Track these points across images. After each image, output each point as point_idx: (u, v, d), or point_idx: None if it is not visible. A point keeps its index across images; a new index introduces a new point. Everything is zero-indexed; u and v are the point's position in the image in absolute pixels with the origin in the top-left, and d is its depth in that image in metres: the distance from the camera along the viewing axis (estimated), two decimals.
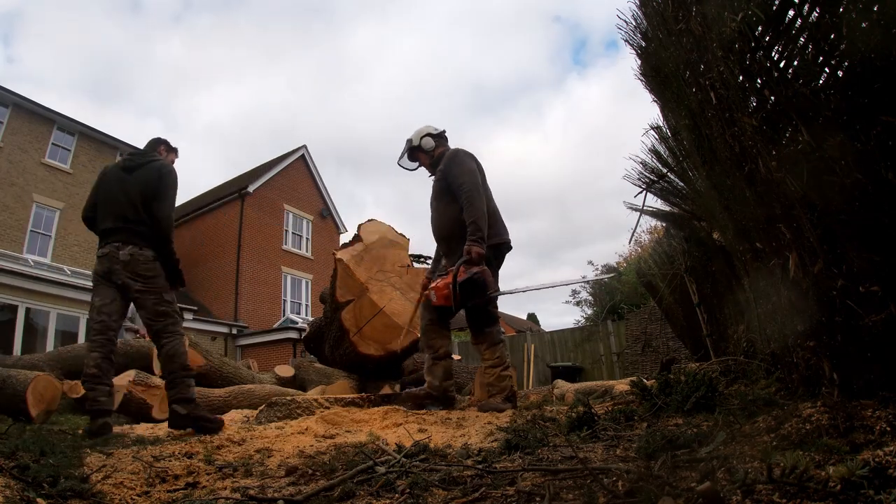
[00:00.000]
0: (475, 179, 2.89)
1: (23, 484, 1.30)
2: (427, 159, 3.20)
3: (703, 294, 3.65)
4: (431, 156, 3.17)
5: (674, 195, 3.29)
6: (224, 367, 4.62)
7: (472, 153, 3.08)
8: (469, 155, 3.04)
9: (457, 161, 2.97)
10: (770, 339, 1.70)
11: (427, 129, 3.21)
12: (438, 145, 3.18)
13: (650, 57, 1.94)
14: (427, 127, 3.23)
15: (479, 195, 2.82)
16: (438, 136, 3.21)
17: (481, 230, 2.74)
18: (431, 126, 3.25)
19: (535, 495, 1.01)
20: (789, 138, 1.20)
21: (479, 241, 2.72)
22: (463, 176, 2.88)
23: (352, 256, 4.54)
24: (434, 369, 2.95)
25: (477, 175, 2.93)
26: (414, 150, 3.21)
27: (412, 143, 3.20)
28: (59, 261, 12.86)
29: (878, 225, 1.04)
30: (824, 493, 0.72)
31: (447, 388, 2.95)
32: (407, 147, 3.25)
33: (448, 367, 2.98)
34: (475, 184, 2.86)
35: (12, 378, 3.19)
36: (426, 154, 3.19)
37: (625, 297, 18.26)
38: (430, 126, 3.24)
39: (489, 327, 2.90)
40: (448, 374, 2.97)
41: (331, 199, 20.82)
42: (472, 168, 2.95)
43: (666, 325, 8.21)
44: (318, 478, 1.44)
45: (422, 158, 3.24)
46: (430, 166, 3.21)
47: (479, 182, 2.91)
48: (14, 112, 12.84)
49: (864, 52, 1.02)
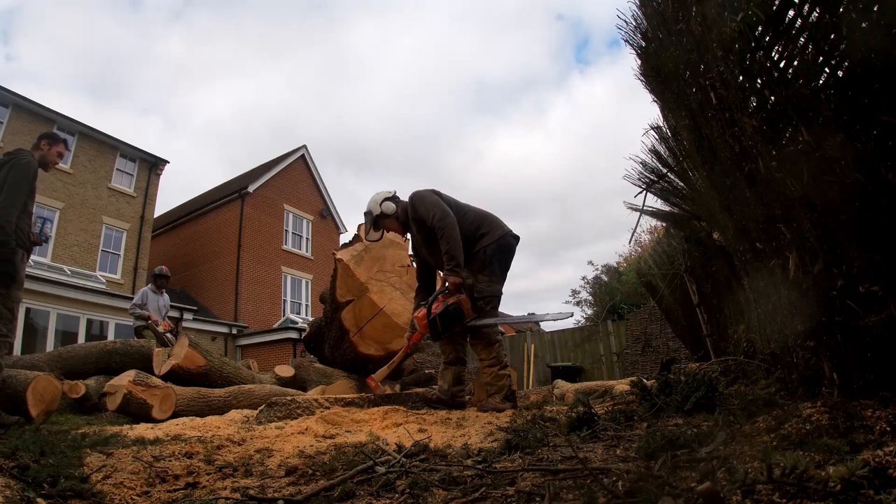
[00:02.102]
0: (442, 208, 2.93)
1: (23, 484, 1.30)
2: (394, 223, 3.21)
3: (703, 294, 3.65)
4: (397, 217, 3.18)
5: (674, 195, 3.29)
6: (224, 367, 4.61)
7: (428, 188, 3.13)
8: (426, 191, 3.09)
9: (419, 202, 3.02)
10: (770, 339, 1.70)
11: (382, 195, 3.22)
12: (398, 205, 3.19)
13: (650, 57, 1.94)
14: (380, 194, 3.24)
15: (449, 224, 2.87)
16: (393, 198, 3.22)
17: (455, 259, 2.81)
18: (384, 191, 3.26)
19: (535, 495, 1.01)
20: (789, 138, 1.20)
21: (453, 270, 2.80)
22: (429, 211, 2.94)
23: (352, 256, 4.54)
24: (445, 374, 3.02)
25: (440, 205, 2.96)
26: (377, 219, 3.21)
27: (374, 214, 3.19)
28: (58, 261, 12.86)
29: (878, 225, 1.04)
30: (824, 494, 0.72)
31: (455, 392, 2.99)
32: (370, 220, 3.23)
33: (458, 372, 3.02)
34: (443, 213, 2.91)
35: (12, 378, 3.19)
36: (392, 218, 3.19)
37: (625, 297, 18.25)
38: (383, 192, 3.25)
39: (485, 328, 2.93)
40: (458, 379, 3.01)
41: (331, 199, 20.83)
42: (435, 200, 2.98)
43: (666, 325, 8.21)
44: (318, 478, 1.44)
45: (389, 224, 3.24)
46: (400, 227, 3.23)
47: (446, 210, 2.94)
48: (14, 112, 12.85)
49: (864, 52, 1.02)
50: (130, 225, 15.09)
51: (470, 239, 2.97)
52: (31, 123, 12.88)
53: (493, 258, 2.98)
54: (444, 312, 2.81)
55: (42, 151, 3.12)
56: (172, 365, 4.17)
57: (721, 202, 1.70)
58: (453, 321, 2.82)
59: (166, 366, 4.22)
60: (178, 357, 4.25)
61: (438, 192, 3.12)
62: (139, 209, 15.40)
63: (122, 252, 14.78)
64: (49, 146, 3.14)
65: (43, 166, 3.15)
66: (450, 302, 2.81)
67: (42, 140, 3.15)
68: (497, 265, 3.00)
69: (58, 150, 3.18)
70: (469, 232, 2.98)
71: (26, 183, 2.90)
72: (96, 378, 4.47)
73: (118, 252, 14.73)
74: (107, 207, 14.57)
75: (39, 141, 3.15)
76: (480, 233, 3.01)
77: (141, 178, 15.73)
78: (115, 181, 15.03)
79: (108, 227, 14.54)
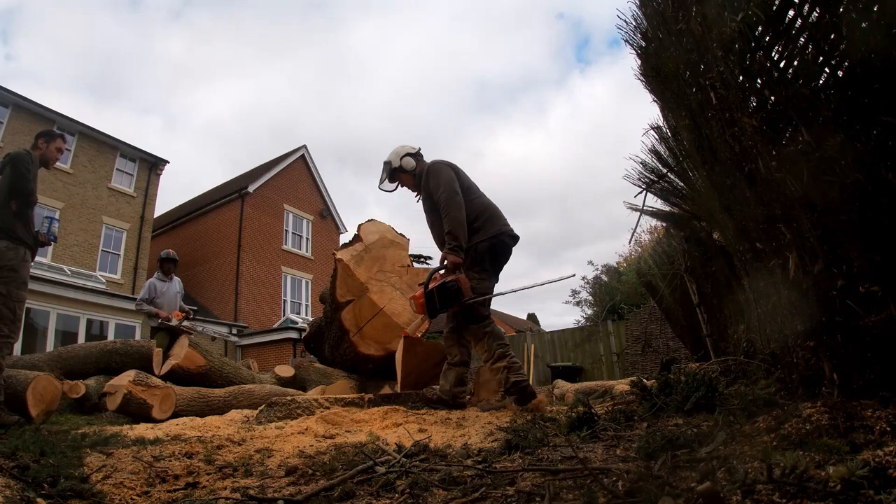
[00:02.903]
0: (451, 188, 2.92)
1: (23, 484, 1.30)
2: (410, 179, 3.22)
3: (703, 294, 3.65)
4: (414, 175, 3.18)
5: (674, 195, 3.29)
6: (224, 367, 4.62)
7: (448, 161, 3.10)
8: (444, 165, 3.06)
9: (433, 174, 3.01)
10: (770, 339, 1.70)
11: (405, 150, 3.21)
12: (418, 164, 3.19)
13: (650, 57, 1.94)
14: (404, 147, 3.23)
15: (454, 205, 2.86)
16: (416, 154, 3.22)
17: (456, 239, 2.80)
18: (408, 146, 3.25)
19: (535, 495, 1.01)
20: (789, 138, 1.20)
21: (453, 250, 2.79)
22: (439, 188, 2.93)
23: (352, 256, 4.54)
24: (447, 374, 2.99)
25: (453, 183, 2.95)
26: (395, 171, 3.21)
27: (392, 165, 3.20)
28: (58, 261, 12.85)
29: (878, 225, 1.04)
30: (824, 494, 0.72)
31: (457, 394, 2.95)
32: (387, 170, 3.24)
33: (461, 374, 2.97)
34: (451, 193, 2.89)
35: (12, 378, 3.19)
36: (409, 174, 3.20)
37: (625, 297, 18.26)
38: (407, 146, 3.24)
39: (474, 324, 2.91)
40: (460, 380, 2.96)
41: (331, 199, 20.83)
42: (448, 178, 2.96)
43: (666, 325, 8.21)
44: (318, 478, 1.44)
45: (405, 179, 3.24)
46: (413, 186, 3.23)
47: (456, 190, 2.93)
48: (14, 112, 12.85)
49: (864, 52, 1.02)
50: (130, 225, 15.09)
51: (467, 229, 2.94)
52: (31, 123, 12.87)
53: (485, 256, 2.93)
54: (442, 288, 2.76)
55: (41, 150, 3.12)
56: (172, 365, 4.18)
57: (721, 202, 1.70)
58: (451, 298, 2.77)
59: (166, 366, 4.23)
60: (178, 357, 4.25)
61: (456, 169, 3.07)
62: (139, 209, 15.40)
63: (122, 252, 14.78)
64: (47, 143, 3.14)
65: (44, 164, 3.15)
66: (448, 280, 2.77)
67: (39, 139, 3.15)
68: (488, 263, 2.95)
69: (56, 145, 3.18)
70: (468, 221, 2.94)
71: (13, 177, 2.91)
72: (96, 378, 4.47)
73: (118, 252, 14.73)
74: (107, 207, 14.57)
75: (36, 140, 3.15)
76: (475, 226, 2.95)
77: (141, 178, 15.73)
78: (115, 181, 15.03)
79: (108, 227, 14.55)
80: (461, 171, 3.11)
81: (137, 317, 12.56)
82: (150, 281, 6.06)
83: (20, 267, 2.90)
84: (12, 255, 2.86)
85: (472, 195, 3.03)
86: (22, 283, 2.91)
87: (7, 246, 2.85)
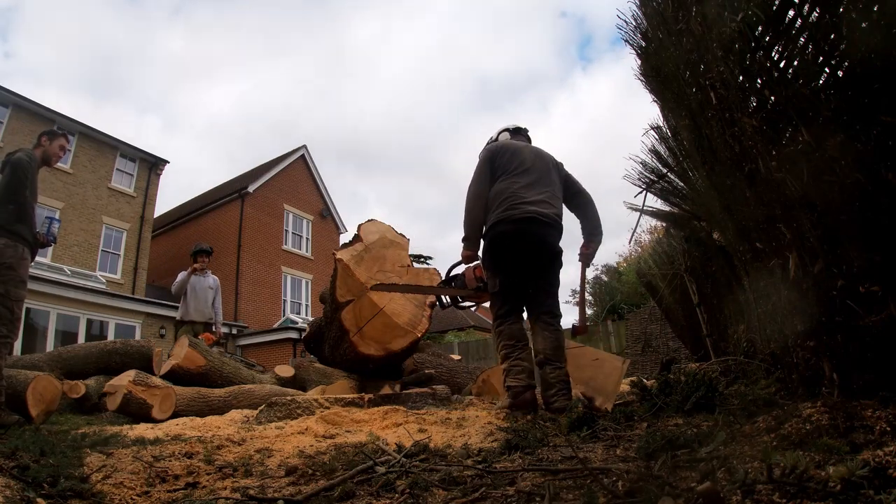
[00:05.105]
0: (473, 178, 2.85)
1: (23, 484, 1.30)
2: None
3: (703, 294, 3.65)
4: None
5: (674, 195, 3.29)
6: (224, 367, 4.61)
7: (494, 145, 2.95)
8: (484, 151, 2.93)
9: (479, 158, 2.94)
10: (770, 339, 1.70)
11: (506, 126, 3.17)
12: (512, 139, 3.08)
13: (650, 57, 1.94)
14: (509, 124, 3.18)
15: (470, 197, 2.80)
16: (514, 130, 3.14)
17: (465, 233, 2.80)
18: (512, 123, 3.19)
19: (535, 495, 1.01)
20: (789, 138, 1.20)
21: (463, 241, 2.81)
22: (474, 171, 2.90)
23: (352, 256, 4.53)
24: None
25: (479, 173, 2.84)
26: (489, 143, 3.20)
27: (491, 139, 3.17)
28: (58, 261, 12.85)
29: (878, 225, 1.04)
30: (824, 494, 0.72)
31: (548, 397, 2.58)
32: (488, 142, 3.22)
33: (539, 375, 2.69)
34: (471, 184, 2.84)
35: (12, 378, 3.18)
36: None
37: (625, 297, 18.25)
38: (511, 123, 3.19)
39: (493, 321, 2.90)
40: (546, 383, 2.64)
41: (331, 198, 20.83)
42: (478, 167, 2.87)
43: (666, 325, 8.21)
44: (318, 478, 1.44)
45: None
46: None
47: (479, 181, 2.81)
48: (14, 112, 12.84)
49: (864, 52, 1.02)
50: (130, 225, 15.09)
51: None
52: (31, 123, 12.87)
53: (486, 252, 2.79)
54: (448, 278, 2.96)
55: (43, 147, 3.12)
56: (172, 365, 4.18)
57: (721, 202, 1.70)
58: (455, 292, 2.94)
59: (166, 366, 4.22)
60: (178, 357, 4.25)
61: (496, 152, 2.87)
62: (139, 209, 15.39)
63: (122, 252, 14.78)
64: (50, 141, 3.14)
65: (46, 162, 3.14)
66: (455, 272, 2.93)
67: (42, 137, 3.15)
68: (489, 259, 2.78)
69: (60, 143, 3.17)
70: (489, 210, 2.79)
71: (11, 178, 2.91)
72: (96, 378, 4.47)
73: (118, 252, 14.73)
74: (107, 207, 14.57)
75: (39, 138, 3.15)
76: (487, 218, 2.77)
77: (141, 178, 15.73)
78: (115, 181, 15.02)
79: (108, 227, 14.54)
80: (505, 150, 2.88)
81: (137, 317, 12.58)
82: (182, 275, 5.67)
83: (19, 265, 2.87)
84: (11, 253, 2.83)
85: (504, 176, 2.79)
86: (20, 282, 2.88)
87: (5, 243, 2.82)
